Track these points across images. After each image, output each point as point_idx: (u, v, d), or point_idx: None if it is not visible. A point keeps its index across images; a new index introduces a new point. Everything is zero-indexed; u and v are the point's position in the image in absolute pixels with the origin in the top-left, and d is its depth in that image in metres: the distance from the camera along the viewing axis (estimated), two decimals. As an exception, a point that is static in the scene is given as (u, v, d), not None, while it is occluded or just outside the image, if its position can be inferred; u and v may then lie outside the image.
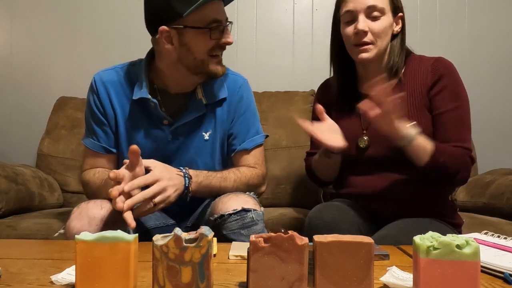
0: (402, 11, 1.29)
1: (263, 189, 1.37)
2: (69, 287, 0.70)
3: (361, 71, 1.34)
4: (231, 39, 1.21)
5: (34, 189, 1.82)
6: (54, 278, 0.72)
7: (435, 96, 1.24)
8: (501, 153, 2.24)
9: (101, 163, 1.30)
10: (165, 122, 1.26)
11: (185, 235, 0.63)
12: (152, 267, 0.64)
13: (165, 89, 1.29)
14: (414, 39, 2.23)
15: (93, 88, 1.28)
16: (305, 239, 0.63)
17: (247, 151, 1.33)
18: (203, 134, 1.30)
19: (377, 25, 1.23)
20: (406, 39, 1.32)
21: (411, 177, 1.23)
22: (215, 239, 0.95)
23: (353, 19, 1.24)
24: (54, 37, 2.32)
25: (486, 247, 0.89)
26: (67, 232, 1.09)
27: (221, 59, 1.25)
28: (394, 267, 0.76)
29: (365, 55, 1.24)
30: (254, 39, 2.32)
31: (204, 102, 1.28)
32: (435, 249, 0.62)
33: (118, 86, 1.28)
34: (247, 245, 0.75)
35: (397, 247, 1.04)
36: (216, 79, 1.28)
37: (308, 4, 2.32)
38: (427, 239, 0.63)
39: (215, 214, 1.14)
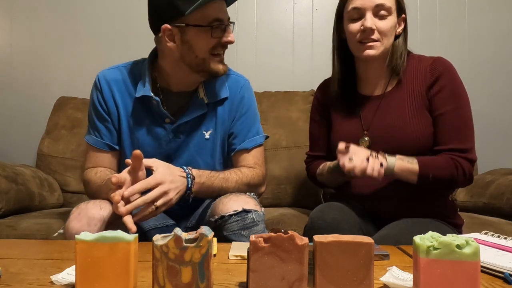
0: (405, 12, 1.29)
1: (262, 189, 1.37)
2: (69, 287, 0.70)
3: (361, 71, 1.34)
4: (233, 38, 1.22)
5: (34, 189, 1.82)
6: (54, 278, 0.72)
7: (434, 96, 1.23)
8: (501, 153, 2.24)
9: (103, 160, 1.30)
10: (166, 121, 1.27)
11: (185, 235, 0.63)
12: (152, 267, 0.64)
13: (167, 87, 1.30)
14: (414, 39, 2.23)
15: (97, 85, 1.29)
16: (305, 239, 0.63)
17: (247, 150, 1.33)
18: (204, 133, 1.30)
19: (384, 24, 1.23)
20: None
21: None
22: (215, 239, 0.95)
23: (360, 17, 1.23)
24: (54, 37, 2.32)
25: (486, 247, 0.89)
26: (66, 232, 1.08)
27: (223, 58, 1.25)
28: (394, 267, 0.76)
29: (371, 52, 1.23)
30: (254, 39, 2.32)
31: (206, 101, 1.28)
32: (435, 249, 0.62)
33: (122, 84, 1.29)
34: (247, 245, 0.75)
35: (397, 247, 1.04)
36: (217, 78, 1.29)
37: (308, 4, 2.32)
38: (427, 239, 0.63)
39: (215, 215, 1.14)
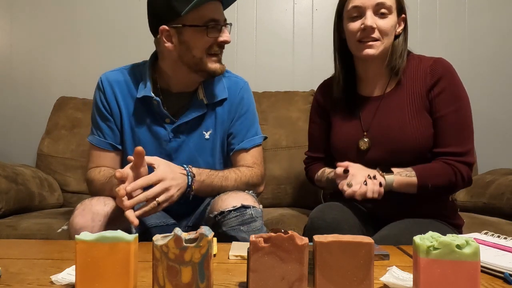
0: (405, 12, 1.28)
1: (261, 189, 1.39)
2: (69, 287, 0.70)
3: (361, 72, 1.33)
4: (229, 38, 1.24)
5: (34, 189, 1.82)
6: (54, 278, 0.72)
7: (434, 98, 1.23)
8: (501, 153, 2.24)
9: (106, 160, 1.32)
10: (167, 121, 1.29)
11: (185, 235, 0.63)
12: (152, 267, 0.64)
13: (167, 88, 1.32)
14: (414, 39, 2.23)
15: (100, 87, 1.32)
16: (305, 239, 0.63)
17: (246, 150, 1.35)
18: (203, 133, 1.32)
19: (385, 22, 1.22)
20: (406, 39, 1.31)
21: None
22: (215, 239, 0.95)
23: (360, 15, 1.23)
24: (54, 37, 2.32)
25: (486, 247, 0.89)
26: (70, 228, 1.10)
27: (220, 58, 1.27)
28: (394, 267, 0.76)
29: (370, 51, 1.22)
30: (254, 39, 2.32)
31: (205, 102, 1.31)
32: (435, 249, 0.62)
33: (124, 86, 1.32)
34: (247, 245, 0.75)
35: (397, 247, 1.04)
36: (216, 78, 1.32)
37: (308, 4, 2.32)
38: (427, 239, 0.63)
39: (214, 211, 1.16)
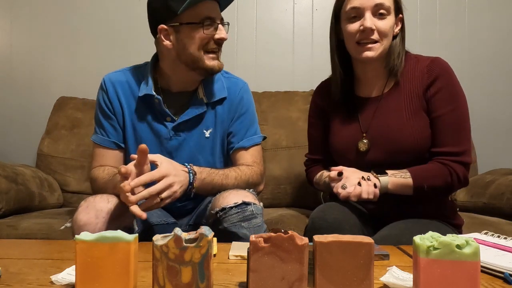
0: (402, 12, 1.28)
1: (261, 187, 1.40)
2: (69, 287, 0.70)
3: (359, 72, 1.32)
4: (225, 35, 1.27)
5: (34, 189, 1.82)
6: (54, 278, 0.73)
7: (431, 98, 1.22)
8: (501, 153, 2.24)
9: (109, 158, 1.34)
10: (167, 119, 1.32)
11: (185, 235, 0.63)
12: (152, 267, 0.64)
13: (168, 88, 1.35)
14: (414, 39, 2.25)
15: (103, 87, 1.36)
16: (305, 239, 0.63)
17: (245, 149, 1.37)
18: (204, 131, 1.34)
19: (383, 23, 1.21)
20: (406, 39, 1.30)
21: None
22: (215, 239, 0.96)
23: (358, 16, 1.22)
24: (54, 37, 2.32)
25: (486, 247, 0.89)
26: (74, 225, 1.10)
27: (218, 55, 1.29)
28: (394, 267, 0.76)
29: (370, 53, 1.22)
30: (254, 39, 2.32)
31: (205, 101, 1.33)
32: (435, 249, 0.62)
33: (126, 85, 1.35)
34: (247, 245, 0.75)
35: (397, 247, 1.04)
36: (216, 78, 1.35)
37: (308, 4, 2.32)
38: (427, 239, 0.63)
39: (216, 208, 1.17)
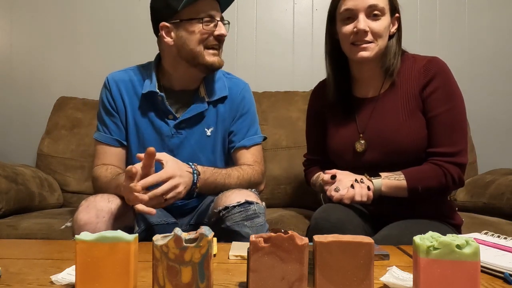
0: (398, 11, 1.28)
1: (262, 187, 1.41)
2: (69, 287, 0.70)
3: (355, 73, 1.32)
4: (225, 32, 1.29)
5: (34, 189, 1.82)
6: (54, 278, 0.72)
7: (427, 97, 1.22)
8: (501, 153, 2.24)
9: (112, 156, 1.35)
10: (169, 117, 1.33)
11: (185, 235, 0.63)
12: (152, 267, 0.64)
13: (170, 87, 1.36)
14: (414, 39, 2.25)
15: (106, 85, 1.37)
16: (305, 239, 0.63)
17: (246, 148, 1.38)
18: (205, 130, 1.35)
19: (377, 24, 1.21)
20: (406, 39, 1.30)
21: None
22: (215, 239, 0.96)
23: (353, 18, 1.22)
24: (54, 37, 2.32)
25: (486, 247, 0.89)
26: (74, 224, 1.11)
27: (218, 52, 1.31)
28: (394, 267, 0.76)
29: (365, 53, 1.22)
30: (254, 39, 2.32)
31: (207, 99, 1.34)
32: (435, 249, 0.62)
33: (129, 84, 1.36)
34: (247, 245, 0.75)
35: (397, 247, 1.04)
36: (217, 77, 1.37)
37: (308, 4, 2.32)
38: (427, 239, 0.63)
39: (219, 207, 1.17)
